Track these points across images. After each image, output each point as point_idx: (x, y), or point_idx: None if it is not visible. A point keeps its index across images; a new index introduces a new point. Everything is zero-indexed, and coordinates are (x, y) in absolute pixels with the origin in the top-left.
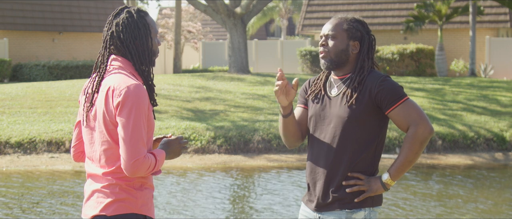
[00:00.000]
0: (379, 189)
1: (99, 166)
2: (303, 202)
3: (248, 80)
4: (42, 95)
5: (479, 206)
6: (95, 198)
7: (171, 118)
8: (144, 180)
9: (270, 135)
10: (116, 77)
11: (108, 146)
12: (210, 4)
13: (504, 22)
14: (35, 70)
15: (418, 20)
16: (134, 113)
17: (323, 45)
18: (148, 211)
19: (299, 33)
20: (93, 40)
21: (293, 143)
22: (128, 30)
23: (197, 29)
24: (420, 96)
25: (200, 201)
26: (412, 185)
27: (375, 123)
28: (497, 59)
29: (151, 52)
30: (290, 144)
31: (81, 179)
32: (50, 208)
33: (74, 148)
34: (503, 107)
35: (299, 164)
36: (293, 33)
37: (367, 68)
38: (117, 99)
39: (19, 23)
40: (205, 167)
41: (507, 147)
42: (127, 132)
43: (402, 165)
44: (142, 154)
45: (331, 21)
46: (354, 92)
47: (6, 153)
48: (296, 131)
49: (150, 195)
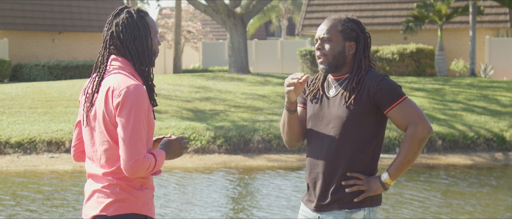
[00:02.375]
0: (378, 188)
1: (100, 166)
2: (303, 202)
3: (248, 80)
4: (42, 95)
5: (479, 206)
6: (96, 198)
7: (171, 118)
8: (144, 180)
9: (270, 135)
10: (116, 77)
11: (108, 146)
12: (210, 4)
13: (504, 22)
14: (35, 70)
15: (418, 20)
16: (133, 113)
17: (319, 49)
18: (148, 211)
19: (299, 33)
20: (93, 40)
21: (294, 142)
22: (127, 30)
23: (197, 29)
24: (420, 96)
25: (200, 201)
26: (412, 185)
27: (373, 122)
28: (497, 59)
29: (151, 52)
30: (291, 143)
31: (81, 179)
32: (50, 208)
33: (75, 147)
34: (503, 107)
35: (299, 164)
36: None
37: (365, 68)
38: (117, 99)
39: (19, 23)
40: (205, 167)
41: (507, 147)
42: (127, 133)
43: (401, 164)
44: (141, 154)
45: (325, 23)
46: (352, 92)
47: (6, 153)
48: (299, 128)
49: (151, 195)
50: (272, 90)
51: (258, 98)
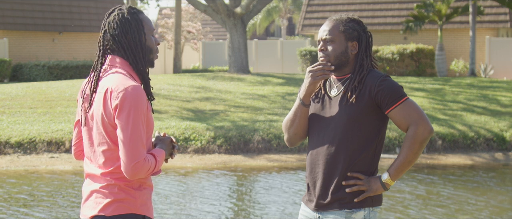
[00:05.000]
0: (378, 189)
1: (98, 166)
2: (303, 202)
3: (248, 80)
4: (42, 95)
5: (479, 206)
6: (94, 199)
7: (171, 118)
8: (143, 179)
9: (270, 135)
10: (113, 77)
11: (107, 147)
12: (210, 4)
13: (504, 22)
14: (35, 70)
15: (418, 20)
16: (132, 115)
17: (323, 50)
18: (147, 211)
19: (299, 33)
20: (93, 40)
21: (297, 139)
22: (119, 25)
23: (197, 29)
24: (420, 96)
25: (199, 201)
26: (412, 185)
27: (374, 122)
28: (497, 59)
29: (144, 47)
30: (294, 140)
31: (81, 179)
32: (50, 208)
33: (75, 146)
34: (503, 107)
35: (299, 164)
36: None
37: (367, 67)
38: (115, 101)
39: (19, 23)
40: (205, 167)
41: (507, 147)
42: (127, 135)
43: (402, 164)
44: (142, 156)
45: (327, 24)
46: (354, 91)
47: (6, 153)
48: (306, 125)
49: (149, 195)
50: (272, 90)
51: (258, 98)
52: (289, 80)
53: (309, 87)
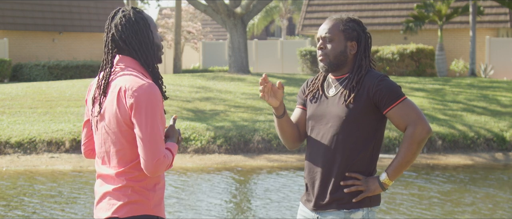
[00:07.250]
0: (377, 189)
1: (111, 167)
2: (302, 202)
3: (248, 80)
4: (42, 95)
5: (479, 206)
6: (107, 200)
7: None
8: (158, 179)
9: (270, 135)
10: (126, 78)
11: (120, 147)
12: (210, 4)
13: (504, 22)
14: (35, 70)
15: (418, 20)
16: (150, 113)
17: (321, 48)
18: (160, 212)
19: (299, 33)
20: (93, 40)
21: (292, 144)
22: (127, 26)
23: (197, 29)
24: (420, 97)
25: (199, 201)
26: (412, 185)
27: (373, 122)
28: (497, 59)
29: (154, 45)
30: (290, 145)
31: (81, 179)
32: (50, 208)
33: (84, 145)
34: (503, 107)
35: (299, 164)
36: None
37: (365, 67)
38: (131, 100)
39: (19, 23)
40: (205, 167)
41: (507, 147)
42: (146, 133)
43: (400, 164)
44: (162, 153)
45: (327, 23)
46: (352, 91)
47: (6, 153)
48: (293, 131)
49: (162, 195)
50: None
51: (258, 99)
52: (289, 80)
53: (270, 104)
